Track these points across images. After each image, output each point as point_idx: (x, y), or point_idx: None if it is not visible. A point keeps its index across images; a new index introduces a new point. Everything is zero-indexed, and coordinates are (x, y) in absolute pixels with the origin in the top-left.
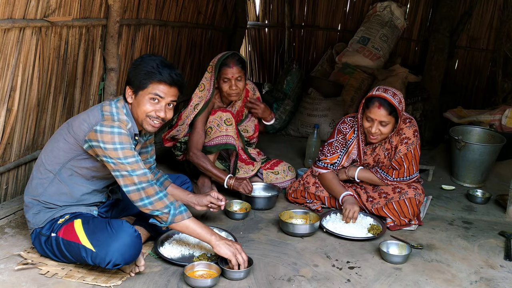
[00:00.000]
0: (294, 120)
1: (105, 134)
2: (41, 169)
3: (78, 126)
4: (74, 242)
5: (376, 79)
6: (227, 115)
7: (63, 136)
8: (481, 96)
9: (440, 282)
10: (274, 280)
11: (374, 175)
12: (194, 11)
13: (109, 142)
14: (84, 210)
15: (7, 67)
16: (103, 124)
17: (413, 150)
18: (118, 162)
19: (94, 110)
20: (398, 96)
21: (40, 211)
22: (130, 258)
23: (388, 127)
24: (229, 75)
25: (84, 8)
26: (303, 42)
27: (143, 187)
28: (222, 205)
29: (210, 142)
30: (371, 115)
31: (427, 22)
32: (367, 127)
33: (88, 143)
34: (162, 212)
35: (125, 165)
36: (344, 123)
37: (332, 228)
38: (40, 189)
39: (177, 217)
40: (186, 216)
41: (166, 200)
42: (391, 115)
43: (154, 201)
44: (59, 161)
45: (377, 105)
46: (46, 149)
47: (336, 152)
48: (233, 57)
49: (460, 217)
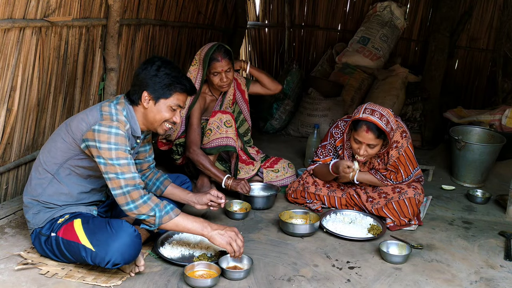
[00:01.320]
0: (294, 120)
1: (102, 133)
2: (40, 169)
3: (76, 126)
4: (74, 241)
5: (376, 79)
6: (227, 117)
7: (61, 136)
8: (481, 96)
9: (440, 282)
10: (274, 280)
11: (374, 176)
12: (194, 11)
13: (104, 141)
14: (83, 210)
15: (7, 67)
16: (102, 124)
17: (405, 152)
18: (109, 163)
19: (93, 110)
20: (385, 117)
21: (40, 211)
22: (130, 257)
23: (376, 148)
24: (219, 69)
25: (84, 8)
26: (303, 42)
27: (128, 191)
28: (222, 203)
29: (210, 143)
30: (359, 138)
31: (427, 22)
32: (355, 148)
33: (85, 142)
34: (148, 215)
35: (115, 167)
36: (336, 128)
37: (332, 228)
38: (39, 189)
39: (164, 218)
40: (173, 215)
41: (151, 202)
42: (379, 138)
43: (139, 205)
44: (57, 161)
45: (365, 129)
46: (44, 149)
47: (329, 154)
48: (219, 50)
49: (460, 217)
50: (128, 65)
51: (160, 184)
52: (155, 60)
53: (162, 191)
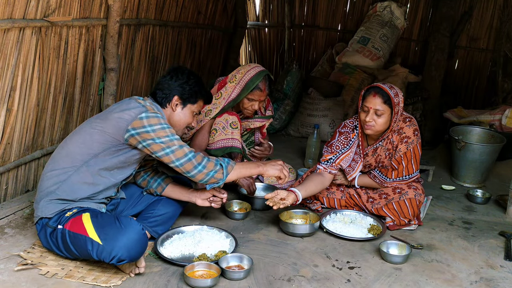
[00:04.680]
0: (294, 120)
1: (152, 118)
2: (65, 159)
3: (117, 119)
4: (81, 234)
5: (376, 79)
6: (233, 118)
7: (98, 129)
8: (481, 96)
9: (440, 282)
10: (274, 280)
11: (373, 180)
12: (194, 11)
13: (157, 123)
14: (93, 206)
15: (7, 67)
16: (148, 111)
17: (413, 149)
18: (167, 140)
19: (130, 104)
20: (395, 90)
21: (53, 200)
22: (136, 254)
23: (383, 118)
24: (256, 98)
25: (84, 8)
26: (303, 42)
27: (193, 156)
28: (224, 197)
29: (214, 144)
30: (366, 104)
31: (427, 22)
32: (363, 118)
33: (130, 132)
34: (215, 170)
35: (174, 141)
36: (345, 127)
37: (332, 228)
38: (62, 177)
39: (228, 168)
40: (233, 164)
41: (212, 159)
42: (386, 104)
43: (206, 163)
44: (92, 151)
45: (372, 93)
46: (74, 140)
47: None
48: (266, 80)
49: (460, 217)
50: (128, 65)
51: (162, 181)
52: (184, 69)
53: (164, 188)
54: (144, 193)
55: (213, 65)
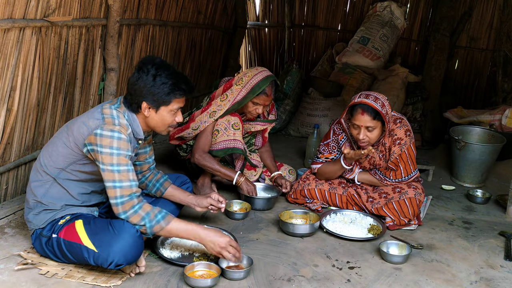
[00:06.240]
0: (294, 120)
1: (105, 138)
2: (40, 171)
3: (78, 130)
4: (76, 243)
5: (376, 79)
6: (235, 119)
7: (63, 141)
8: (481, 96)
9: (440, 282)
10: (274, 280)
11: (373, 177)
12: (194, 11)
13: (106, 146)
14: (85, 211)
15: (7, 67)
16: (104, 128)
17: (407, 150)
18: (108, 169)
19: (94, 112)
20: (381, 100)
21: (41, 212)
22: (133, 258)
23: (376, 132)
24: (262, 102)
25: (84, 8)
26: (303, 42)
27: (122, 202)
28: (222, 207)
29: (216, 145)
30: (356, 122)
31: (427, 22)
32: (355, 134)
33: (87, 147)
34: (139, 225)
35: (114, 174)
36: (338, 123)
37: (332, 228)
38: (41, 190)
39: (155, 227)
40: (164, 223)
41: (142, 212)
42: (376, 119)
43: (130, 215)
44: (58, 165)
45: (360, 111)
46: (45, 152)
47: (333, 151)
48: (272, 86)
49: (460, 217)
50: (128, 65)
51: (160, 186)
52: (149, 68)
53: (162, 192)
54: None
55: (213, 65)
